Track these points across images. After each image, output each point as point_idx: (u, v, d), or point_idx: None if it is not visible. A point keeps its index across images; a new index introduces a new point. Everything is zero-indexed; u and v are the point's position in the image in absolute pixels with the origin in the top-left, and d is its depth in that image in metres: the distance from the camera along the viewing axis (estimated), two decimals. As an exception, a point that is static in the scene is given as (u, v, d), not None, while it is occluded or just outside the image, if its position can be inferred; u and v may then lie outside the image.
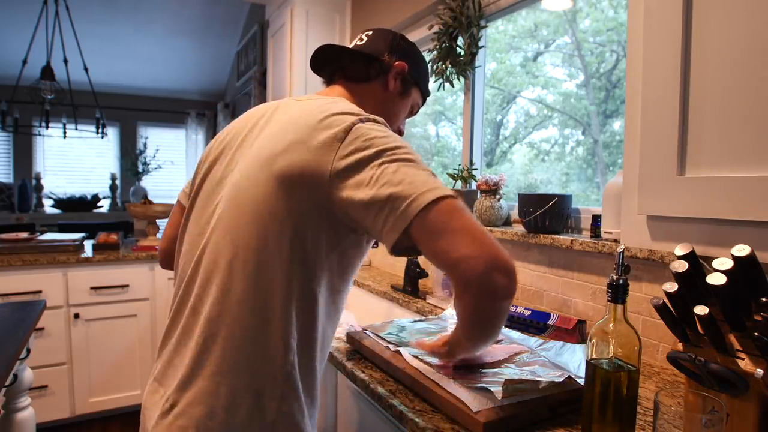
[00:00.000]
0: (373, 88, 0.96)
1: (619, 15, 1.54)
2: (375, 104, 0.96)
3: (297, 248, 0.73)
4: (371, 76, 0.96)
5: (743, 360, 0.68)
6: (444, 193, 0.67)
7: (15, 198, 5.18)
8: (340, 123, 0.75)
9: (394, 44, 0.98)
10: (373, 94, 0.96)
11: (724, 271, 0.67)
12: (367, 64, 0.96)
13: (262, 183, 0.74)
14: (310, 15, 2.72)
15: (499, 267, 0.64)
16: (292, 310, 0.74)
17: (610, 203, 1.25)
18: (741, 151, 0.82)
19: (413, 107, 1.05)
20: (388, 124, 0.89)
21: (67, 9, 3.64)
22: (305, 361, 0.77)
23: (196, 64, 5.69)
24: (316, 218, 0.73)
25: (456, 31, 1.89)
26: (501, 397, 0.82)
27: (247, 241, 0.74)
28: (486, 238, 0.65)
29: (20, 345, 1.31)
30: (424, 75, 1.04)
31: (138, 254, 2.65)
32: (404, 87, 0.99)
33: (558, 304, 1.45)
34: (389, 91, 0.97)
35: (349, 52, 0.98)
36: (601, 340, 0.73)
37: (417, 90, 1.03)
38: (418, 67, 1.01)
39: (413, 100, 1.03)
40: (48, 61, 3.65)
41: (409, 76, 0.98)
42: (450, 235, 0.65)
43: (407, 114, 1.06)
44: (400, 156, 0.71)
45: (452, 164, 2.27)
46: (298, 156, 0.73)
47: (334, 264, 0.78)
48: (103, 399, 2.62)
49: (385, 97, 0.97)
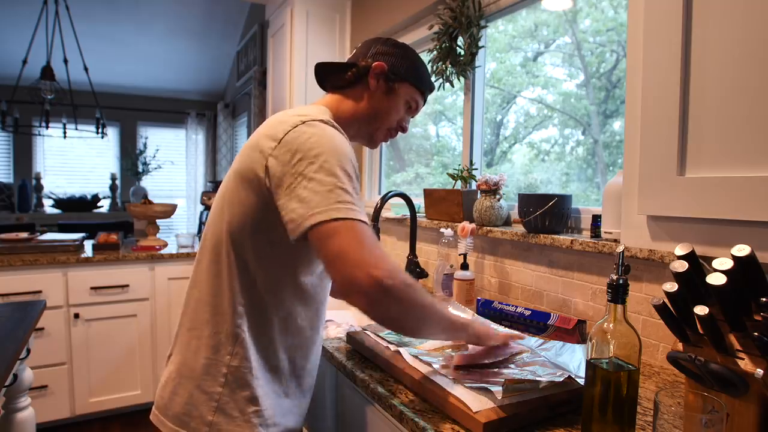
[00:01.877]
0: (358, 92, 1.03)
1: (619, 15, 1.54)
2: (363, 109, 1.02)
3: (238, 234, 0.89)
4: (353, 82, 1.02)
5: (743, 360, 0.68)
6: (319, 219, 0.76)
7: (15, 198, 5.18)
8: (284, 127, 0.85)
9: (374, 48, 1.04)
10: (358, 97, 1.03)
11: (724, 271, 0.67)
12: (346, 71, 1.03)
13: (230, 179, 0.92)
14: (310, 15, 2.72)
15: (353, 290, 0.74)
16: (236, 284, 0.90)
17: (610, 203, 1.25)
18: (741, 151, 0.82)
19: (410, 103, 1.07)
20: (382, 122, 1.02)
21: (67, 9, 3.65)
22: (261, 330, 0.92)
23: (196, 64, 5.69)
24: (260, 210, 0.86)
25: (456, 31, 1.89)
26: (501, 397, 0.82)
27: (213, 222, 0.94)
28: (346, 265, 0.74)
29: (20, 345, 1.31)
30: (414, 71, 1.04)
31: (138, 254, 2.65)
32: (388, 85, 1.02)
33: (558, 304, 1.45)
34: (372, 91, 1.02)
35: (333, 65, 1.06)
36: (601, 340, 0.73)
37: (408, 86, 1.04)
38: (403, 63, 1.03)
39: (406, 97, 1.05)
40: (48, 61, 3.66)
41: (391, 73, 1.02)
42: (323, 258, 0.77)
43: (406, 111, 1.07)
44: (315, 167, 0.79)
45: (452, 164, 2.27)
46: (249, 156, 0.87)
47: (281, 253, 0.90)
48: (103, 399, 2.62)
49: (372, 100, 1.02)
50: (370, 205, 2.69)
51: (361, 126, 1.04)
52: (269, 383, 0.93)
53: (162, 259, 2.71)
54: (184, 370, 0.93)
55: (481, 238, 1.74)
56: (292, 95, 2.74)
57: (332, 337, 1.32)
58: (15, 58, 4.24)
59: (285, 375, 0.96)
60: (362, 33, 2.70)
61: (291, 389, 0.97)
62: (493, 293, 1.69)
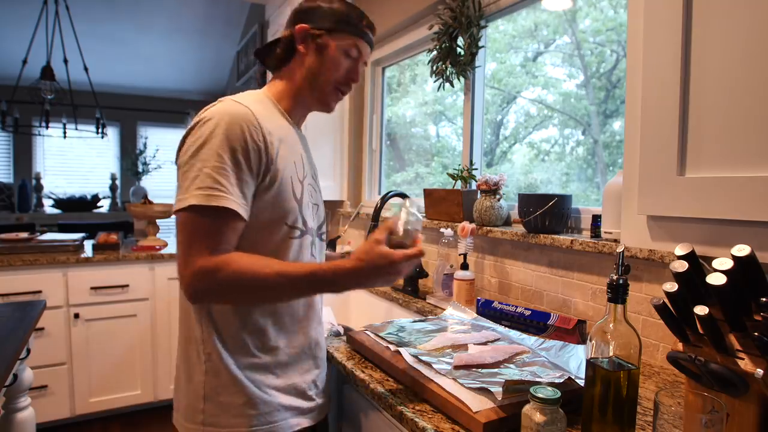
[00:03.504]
0: (294, 64, 1.01)
1: (619, 15, 1.54)
2: (301, 77, 1.00)
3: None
4: (285, 56, 1.01)
5: (743, 360, 0.68)
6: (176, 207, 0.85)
7: (15, 198, 5.18)
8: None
9: (294, 17, 1.01)
10: (295, 69, 1.01)
11: (724, 271, 0.67)
12: (275, 48, 1.02)
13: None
14: (310, 15, 2.72)
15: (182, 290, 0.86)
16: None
17: (610, 203, 1.25)
18: (741, 151, 0.82)
19: (349, 52, 1.00)
20: (324, 81, 0.99)
21: (67, 9, 3.64)
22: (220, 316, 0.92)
23: (197, 63, 5.69)
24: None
25: (456, 31, 1.89)
26: (501, 397, 0.82)
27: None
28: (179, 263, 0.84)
29: (20, 345, 1.31)
30: (339, 18, 0.98)
31: (138, 254, 2.65)
32: (317, 42, 0.98)
33: (558, 304, 1.45)
34: (304, 55, 0.99)
35: (265, 47, 1.06)
36: (601, 340, 0.73)
37: (339, 35, 0.98)
38: (325, 16, 0.98)
39: (341, 48, 0.99)
40: (48, 61, 3.66)
41: (314, 30, 0.98)
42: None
43: (349, 62, 1.01)
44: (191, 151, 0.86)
45: (452, 164, 2.27)
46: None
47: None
48: (103, 399, 2.62)
49: (306, 64, 0.99)
50: (369, 205, 2.69)
51: (307, 94, 1.01)
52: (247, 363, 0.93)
53: (162, 259, 2.71)
54: (180, 364, 0.98)
55: (481, 238, 1.74)
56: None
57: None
58: (15, 58, 4.23)
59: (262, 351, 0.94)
60: (362, 33, 2.69)
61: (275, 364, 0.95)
62: (493, 293, 1.69)
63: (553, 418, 0.70)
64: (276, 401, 0.94)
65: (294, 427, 0.96)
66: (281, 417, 0.94)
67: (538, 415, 0.70)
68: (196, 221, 0.83)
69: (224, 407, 0.91)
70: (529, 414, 0.71)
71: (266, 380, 0.94)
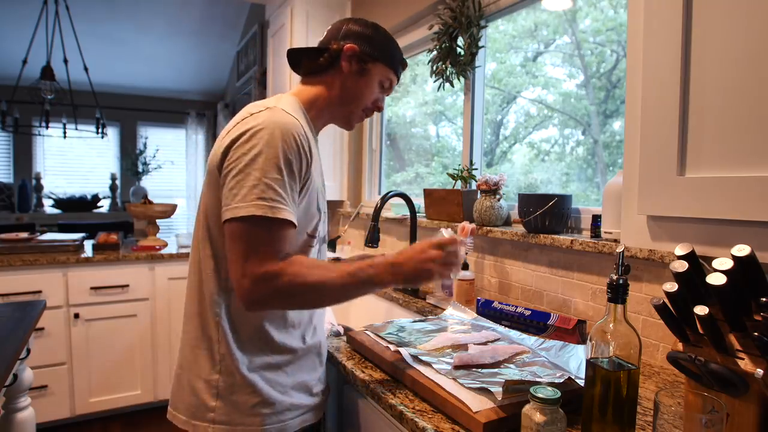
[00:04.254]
0: (331, 76, 1.03)
1: (619, 15, 1.54)
2: (337, 93, 1.03)
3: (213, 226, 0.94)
4: (326, 66, 1.03)
5: (743, 360, 0.68)
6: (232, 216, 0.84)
7: (15, 198, 5.18)
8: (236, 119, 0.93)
9: (344, 30, 1.03)
10: (331, 83, 1.04)
11: (724, 271, 0.67)
12: (318, 56, 1.03)
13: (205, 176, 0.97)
14: (310, 15, 2.72)
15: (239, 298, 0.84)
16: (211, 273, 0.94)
17: (610, 203, 1.25)
18: (741, 151, 0.82)
19: (384, 83, 1.07)
20: (356, 104, 1.04)
21: (67, 9, 3.64)
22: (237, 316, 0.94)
23: (196, 64, 5.69)
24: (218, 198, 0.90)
25: (456, 31, 1.89)
26: (501, 397, 0.82)
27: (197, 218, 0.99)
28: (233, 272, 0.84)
29: (20, 345, 1.31)
30: (385, 49, 1.04)
31: (138, 254, 2.65)
32: (361, 66, 1.02)
33: (558, 304, 1.45)
34: (345, 73, 1.02)
35: (305, 50, 1.07)
36: (601, 340, 0.73)
37: (381, 66, 1.04)
38: (374, 43, 1.03)
39: (380, 77, 1.05)
40: (48, 61, 3.65)
41: (363, 54, 1.02)
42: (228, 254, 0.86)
43: (380, 91, 1.08)
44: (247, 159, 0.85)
45: (452, 164, 2.27)
46: (213, 150, 0.93)
47: None
48: (103, 399, 2.62)
49: (345, 82, 1.03)
50: (370, 205, 2.70)
51: (336, 109, 1.05)
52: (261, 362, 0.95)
53: (162, 259, 2.71)
54: (185, 362, 0.99)
55: (481, 238, 1.74)
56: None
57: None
58: (15, 58, 4.23)
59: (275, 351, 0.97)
60: (362, 33, 2.69)
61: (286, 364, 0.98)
62: (493, 293, 1.69)
63: (553, 418, 0.70)
64: (288, 400, 0.97)
65: (302, 424, 1.00)
66: (291, 415, 0.97)
67: (538, 415, 0.70)
68: (256, 231, 0.83)
69: (237, 406, 0.93)
70: (529, 414, 0.71)
71: (279, 379, 0.97)
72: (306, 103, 1.02)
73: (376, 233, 1.72)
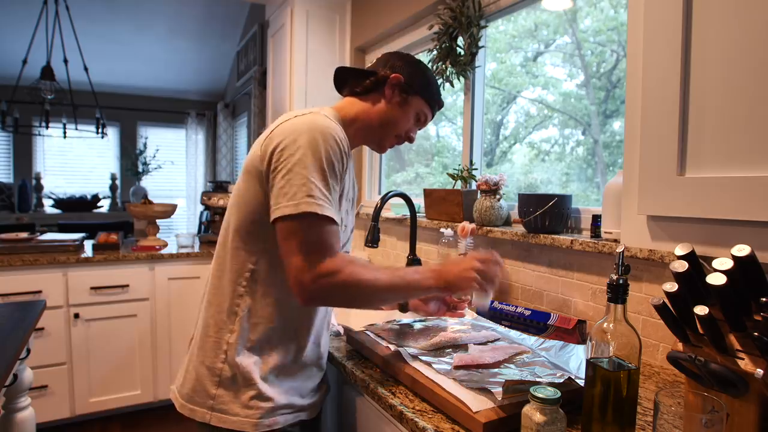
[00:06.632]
0: (373, 101, 1.09)
1: (619, 15, 1.54)
2: (377, 117, 1.08)
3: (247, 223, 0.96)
4: (371, 89, 1.09)
5: (743, 360, 0.68)
6: (283, 213, 0.86)
7: (15, 198, 5.18)
8: (280, 120, 0.97)
9: (393, 61, 1.10)
10: (372, 104, 1.09)
11: (724, 271, 0.67)
12: (365, 78, 1.09)
13: (240, 175, 1.00)
14: (310, 15, 2.72)
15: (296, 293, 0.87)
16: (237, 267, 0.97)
17: (610, 203, 1.25)
18: (741, 151, 0.82)
19: (419, 116, 1.13)
20: (391, 129, 1.09)
21: (67, 9, 3.64)
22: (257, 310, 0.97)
23: (196, 64, 5.69)
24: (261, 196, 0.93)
25: (456, 31, 1.89)
26: (501, 398, 0.82)
27: (227, 213, 1.03)
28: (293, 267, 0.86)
29: (20, 345, 1.31)
30: (426, 86, 1.11)
31: (138, 254, 2.65)
32: (402, 96, 1.08)
33: (558, 304, 1.45)
34: (387, 100, 1.08)
35: (354, 70, 1.14)
36: (601, 340, 0.73)
37: (420, 100, 1.10)
38: (417, 78, 1.09)
39: (416, 109, 1.11)
40: (48, 61, 3.65)
41: (406, 86, 1.08)
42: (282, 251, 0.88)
43: (415, 122, 1.13)
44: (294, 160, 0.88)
45: (452, 164, 2.27)
46: (252, 151, 0.97)
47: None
48: (103, 399, 2.62)
49: (386, 108, 1.08)
50: (370, 205, 2.70)
51: (371, 131, 1.10)
52: (266, 360, 0.98)
53: (162, 259, 2.71)
54: (195, 349, 1.01)
55: (481, 238, 1.74)
56: (292, 95, 2.74)
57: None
58: (15, 58, 4.23)
59: (280, 353, 1.00)
60: (362, 33, 2.70)
61: (289, 367, 1.01)
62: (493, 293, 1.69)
63: (553, 418, 0.70)
64: (286, 400, 1.00)
65: (296, 419, 1.02)
66: (286, 412, 1.00)
67: (538, 415, 0.70)
68: (310, 228, 0.87)
69: (237, 397, 0.96)
70: (529, 414, 0.71)
71: (279, 380, 0.99)
72: (346, 118, 1.07)
73: (376, 233, 1.72)
